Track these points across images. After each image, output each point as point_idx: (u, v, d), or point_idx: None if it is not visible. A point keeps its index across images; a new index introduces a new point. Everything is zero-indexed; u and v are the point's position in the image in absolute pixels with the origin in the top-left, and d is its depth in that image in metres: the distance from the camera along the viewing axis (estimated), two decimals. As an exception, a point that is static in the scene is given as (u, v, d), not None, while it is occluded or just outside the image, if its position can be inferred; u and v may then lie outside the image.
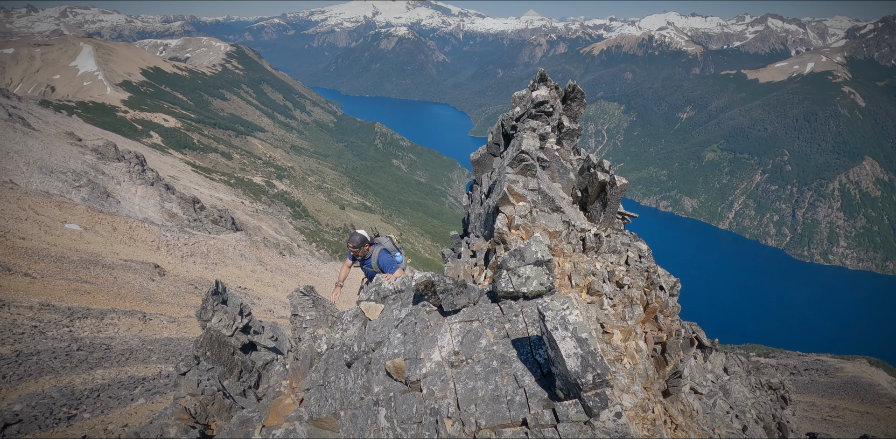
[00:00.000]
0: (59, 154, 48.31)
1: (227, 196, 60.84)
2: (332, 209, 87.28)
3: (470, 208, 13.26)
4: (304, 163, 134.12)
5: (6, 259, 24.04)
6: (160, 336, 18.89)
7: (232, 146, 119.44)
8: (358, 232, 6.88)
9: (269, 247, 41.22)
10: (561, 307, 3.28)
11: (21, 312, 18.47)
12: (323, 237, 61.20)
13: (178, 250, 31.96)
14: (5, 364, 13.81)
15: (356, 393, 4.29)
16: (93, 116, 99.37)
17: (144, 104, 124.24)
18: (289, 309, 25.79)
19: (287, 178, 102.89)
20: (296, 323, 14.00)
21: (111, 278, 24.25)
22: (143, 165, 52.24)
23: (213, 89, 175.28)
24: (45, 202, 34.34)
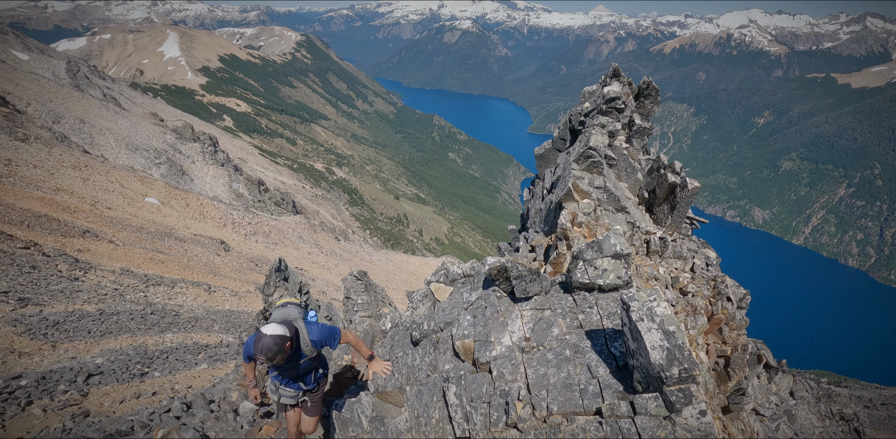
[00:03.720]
0: (144, 133, 52.14)
1: (289, 180, 63.47)
2: (387, 198, 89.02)
3: (530, 203, 13.08)
4: (363, 152, 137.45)
5: (94, 226, 26.35)
6: (222, 307, 20.11)
7: (297, 132, 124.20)
8: (267, 333, 3.48)
9: (326, 232, 42.65)
10: (648, 298, 3.19)
11: (105, 275, 20.22)
12: (377, 225, 62.60)
13: (243, 228, 33.75)
14: (90, 321, 15.18)
15: (423, 369, 4.38)
16: (174, 99, 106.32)
17: (220, 89, 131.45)
18: (341, 292, 26.72)
19: (346, 166, 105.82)
20: (348, 305, 14.45)
21: (182, 250, 26.01)
22: (215, 147, 55.41)
23: (282, 77, 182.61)
24: (129, 176, 37.24)
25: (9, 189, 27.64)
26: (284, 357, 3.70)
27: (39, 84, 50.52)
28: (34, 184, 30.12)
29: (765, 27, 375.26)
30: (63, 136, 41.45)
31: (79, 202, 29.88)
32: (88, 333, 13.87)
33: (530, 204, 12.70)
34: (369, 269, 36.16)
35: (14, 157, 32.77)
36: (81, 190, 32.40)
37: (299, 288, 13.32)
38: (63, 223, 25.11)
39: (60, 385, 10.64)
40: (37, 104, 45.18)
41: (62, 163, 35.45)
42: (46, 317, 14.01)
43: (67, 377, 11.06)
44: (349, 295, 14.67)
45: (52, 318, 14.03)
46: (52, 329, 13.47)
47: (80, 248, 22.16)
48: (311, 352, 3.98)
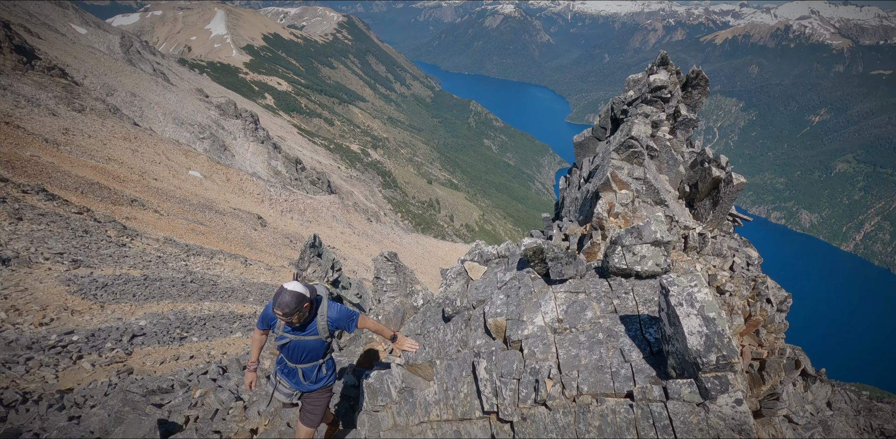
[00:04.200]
0: (190, 108, 53.78)
1: (325, 160, 64.54)
2: (420, 182, 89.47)
3: (566, 192, 12.92)
4: (398, 135, 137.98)
5: (142, 196, 27.59)
6: (257, 280, 20.85)
7: (335, 113, 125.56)
8: (287, 288, 3.52)
9: (359, 212, 43.40)
10: (688, 283, 3.15)
11: (149, 243, 21.23)
12: (408, 208, 63.13)
13: (279, 205, 34.70)
14: (135, 285, 16.03)
15: (453, 345, 4.46)
16: (219, 76, 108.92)
17: (263, 67, 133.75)
18: (371, 272, 27.17)
19: (381, 149, 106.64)
20: (377, 285, 14.74)
21: (221, 223, 26.97)
22: (256, 124, 56.68)
23: (322, 57, 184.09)
24: (175, 149, 38.63)
25: (65, 156, 29.16)
26: (301, 318, 3.66)
27: (95, 57, 52.57)
28: (88, 153, 31.67)
29: (828, 19, 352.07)
30: (115, 109, 43.23)
31: (128, 172, 31.29)
32: (133, 296, 14.68)
33: (565, 192, 12.55)
34: (399, 252, 36.64)
35: (71, 127, 34.46)
36: (131, 160, 33.87)
37: (332, 264, 13.66)
38: (113, 191, 26.39)
39: (107, 343, 11.35)
40: (92, 77, 47.13)
41: (114, 134, 37.08)
42: (96, 279, 14.87)
43: (114, 336, 11.78)
44: (379, 275, 14.96)
45: (101, 280, 14.89)
46: (100, 290, 14.30)
47: (127, 216, 23.29)
48: (324, 332, 3.83)
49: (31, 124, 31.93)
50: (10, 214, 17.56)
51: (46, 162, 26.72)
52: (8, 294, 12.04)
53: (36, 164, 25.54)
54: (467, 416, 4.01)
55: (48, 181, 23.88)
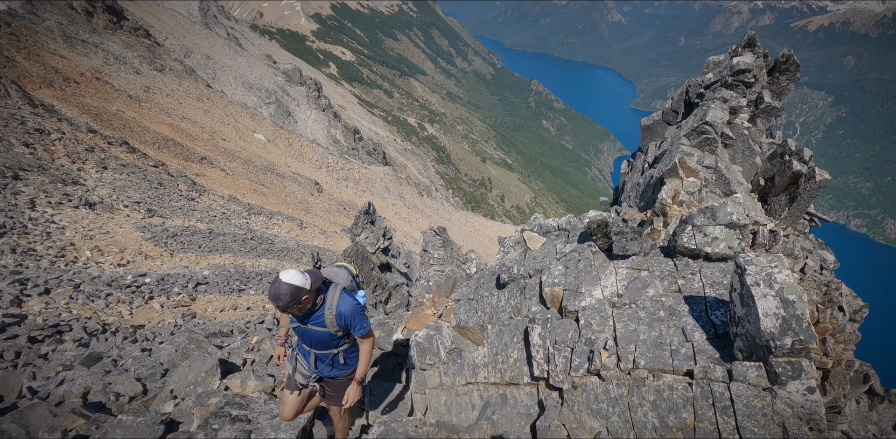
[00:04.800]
0: (258, 73, 55.53)
1: (382, 131, 65.34)
2: (473, 160, 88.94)
3: (627, 176, 12.49)
4: (455, 110, 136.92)
5: (210, 154, 29.11)
6: (311, 243, 21.72)
7: (395, 85, 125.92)
8: (282, 279, 2.98)
9: (411, 186, 43.94)
10: (768, 264, 3.00)
11: (215, 200, 22.50)
12: (460, 185, 63.14)
13: (335, 173, 35.68)
14: (201, 237, 17.13)
15: (506, 311, 4.50)
16: (287, 43, 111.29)
17: (329, 36, 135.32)
18: (418, 245, 27.63)
19: (438, 123, 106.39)
20: (424, 258, 14.98)
21: (281, 186, 28.11)
22: (319, 92, 57.87)
23: (387, 28, 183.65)
24: (242, 112, 40.23)
25: (146, 113, 31.07)
26: (302, 310, 3.10)
27: (176, 20, 54.94)
28: (165, 111, 33.59)
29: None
30: (191, 70, 45.32)
31: (199, 131, 33.01)
32: (199, 248, 15.71)
33: (627, 177, 12.14)
34: (447, 228, 36.93)
35: (152, 85, 36.54)
36: (202, 120, 35.65)
37: (384, 232, 14.00)
38: (185, 148, 28.01)
39: (175, 287, 12.28)
40: (172, 39, 49.40)
41: (189, 95, 39.03)
42: (167, 229, 16.00)
43: (181, 282, 12.71)
44: (427, 248, 15.21)
45: (172, 230, 16.01)
46: (171, 239, 15.39)
47: (197, 173, 24.71)
48: (332, 326, 3.20)
49: (117, 81, 34.10)
50: (97, 163, 19.05)
51: (129, 117, 28.60)
52: (93, 235, 13.20)
53: (120, 119, 27.41)
54: (515, 381, 4.07)
55: (130, 135, 25.62)
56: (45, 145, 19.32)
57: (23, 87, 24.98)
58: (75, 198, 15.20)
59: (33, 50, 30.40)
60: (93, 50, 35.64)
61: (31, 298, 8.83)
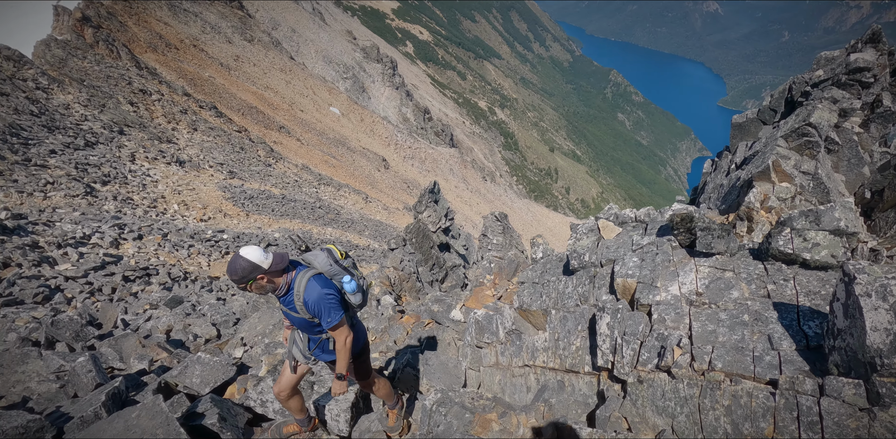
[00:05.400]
0: (338, 48, 56.91)
1: (452, 113, 65.32)
2: (541, 148, 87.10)
3: (709, 176, 11.75)
4: (528, 97, 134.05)
5: (288, 124, 30.43)
6: (374, 217, 22.33)
7: (468, 67, 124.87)
8: (240, 253, 2.66)
9: (475, 170, 43.89)
10: (883, 274, 2.73)
11: (289, 168, 23.59)
12: (525, 173, 62.22)
13: (403, 151, 36.27)
14: (274, 201, 18.08)
15: (573, 298, 4.42)
16: (367, 20, 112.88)
17: (408, 15, 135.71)
18: (476, 229, 27.69)
19: (508, 109, 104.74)
20: (483, 243, 14.96)
21: (350, 160, 28.97)
22: (394, 70, 58.50)
23: (466, 10, 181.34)
24: (320, 85, 41.54)
25: (234, 80, 32.84)
26: (263, 290, 2.82)
27: (267, -7, 57.09)
28: (251, 80, 35.34)
29: None
30: (277, 42, 47.19)
31: (280, 101, 34.51)
32: (272, 211, 16.60)
33: (709, 177, 11.43)
34: (508, 215, 36.72)
35: (241, 55, 38.47)
36: (284, 91, 37.21)
37: (446, 212, 14.11)
38: (266, 116, 29.42)
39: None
40: (263, 11, 51.48)
41: (273, 66, 40.76)
42: (245, 191, 17.01)
43: (253, 241, 13.53)
44: (486, 233, 15.17)
45: (249, 193, 17.00)
46: (247, 201, 16.35)
47: (275, 140, 25.96)
48: (304, 312, 2.94)
49: (211, 49, 36.17)
50: (189, 124, 20.47)
51: (219, 83, 30.35)
52: (181, 190, 14.29)
53: (211, 84, 29.16)
54: (575, 369, 4.01)
55: (219, 100, 27.23)
56: (146, 105, 21.01)
57: (132, 50, 27.11)
58: (168, 155, 16.46)
59: (142, 17, 32.79)
60: (192, 19, 37.89)
61: (127, 242, 9.73)
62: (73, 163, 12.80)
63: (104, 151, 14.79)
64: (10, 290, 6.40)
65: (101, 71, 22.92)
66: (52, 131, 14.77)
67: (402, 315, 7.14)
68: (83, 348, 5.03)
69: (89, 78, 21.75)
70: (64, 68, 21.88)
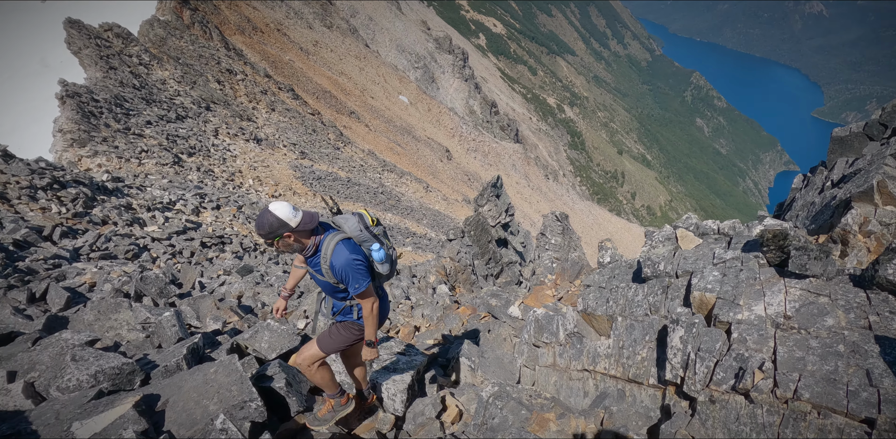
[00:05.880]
0: (412, 38, 57.50)
1: (519, 108, 64.47)
2: (609, 150, 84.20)
3: (799, 193, 10.91)
4: (599, 96, 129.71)
5: (358, 109, 31.23)
6: (433, 207, 22.57)
7: (540, 62, 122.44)
8: (269, 208, 2.52)
9: (538, 167, 43.21)
10: None
11: (356, 152, 24.26)
12: (589, 174, 60.50)
13: (467, 143, 36.31)
14: (340, 184, 18.68)
15: (642, 307, 4.26)
16: (443, 10, 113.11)
17: (483, 7, 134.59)
18: (535, 228, 27.33)
19: (578, 107, 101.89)
20: (541, 241, 14.72)
21: (415, 148, 29.37)
22: (464, 62, 58.40)
23: (543, 3, 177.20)
24: (392, 73, 42.23)
25: (311, 65, 34.06)
26: (290, 249, 2.73)
27: (350, -20, 58.49)
28: (327, 65, 36.50)
29: None
30: (354, 29, 48.35)
31: (352, 87, 35.45)
32: (337, 193, 17.18)
33: (798, 194, 10.61)
34: (569, 216, 36.01)
35: (320, 40, 39.79)
36: (357, 77, 38.18)
37: (507, 208, 14.01)
38: (339, 101, 30.34)
39: (313, 223, 13.62)
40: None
41: (349, 52, 41.86)
42: (314, 171, 17.69)
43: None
44: (545, 232, 14.92)
45: (318, 173, 17.67)
46: (315, 181, 17.00)
47: (345, 125, 26.76)
48: (329, 276, 2.85)
49: (293, 33, 37.65)
50: (267, 104, 21.48)
51: (298, 67, 31.59)
52: (256, 166, 15.08)
53: (290, 68, 30.40)
54: (638, 379, 3.88)
55: (296, 83, 28.37)
56: (231, 84, 22.24)
57: (223, 32, 28.73)
58: (248, 132, 17.37)
59: (234, 1, 34.60)
60: (278, 4, 39.53)
61: (206, 211, 10.41)
62: (164, 134, 13.82)
63: (192, 125, 15.85)
64: (107, 246, 7.03)
65: (195, 50, 24.51)
66: (150, 104, 16.00)
67: (457, 305, 7.19)
68: (165, 304, 5.44)
69: (184, 56, 23.31)
70: (163, 46, 23.57)
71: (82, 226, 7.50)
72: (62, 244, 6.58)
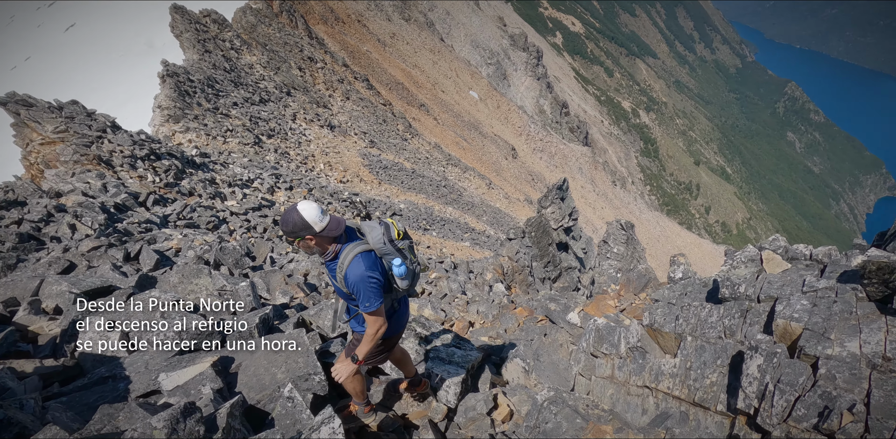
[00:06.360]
0: (487, 33, 57.21)
1: (591, 110, 62.57)
2: (685, 160, 79.83)
3: (903, 219, 9.92)
4: (679, 102, 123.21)
5: (428, 102, 31.58)
6: (494, 204, 22.49)
7: (618, 64, 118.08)
8: (297, 207, 2.46)
9: (606, 172, 41.84)
10: None
11: (423, 145, 24.58)
12: (660, 184, 57.81)
13: (534, 143, 35.78)
14: (405, 174, 19.02)
15: (716, 329, 4.02)
16: (520, 7, 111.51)
17: (562, 5, 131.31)
18: (597, 234, 26.49)
19: (654, 113, 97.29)
20: (602, 249, 14.26)
21: (481, 144, 29.34)
22: (538, 60, 57.41)
23: (627, 2, 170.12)
24: (464, 68, 42.29)
25: (386, 56, 34.78)
26: (309, 251, 2.65)
27: (433, -26, 58.94)
28: (402, 57, 37.13)
29: None
30: (431, 23, 48.78)
31: (425, 80, 35.87)
32: (401, 183, 17.52)
33: (902, 220, 9.64)
34: (635, 225, 34.72)
35: (397, 32, 40.51)
36: (429, 70, 38.58)
37: (570, 211, 13.70)
38: (410, 93, 30.82)
39: (376, 212, 14.00)
40: (425, -9, 53.37)
41: (424, 45, 42.33)
42: (381, 161, 18.13)
43: (381, 207, 14.42)
44: (607, 240, 14.45)
45: (384, 163, 18.09)
46: (382, 171, 17.41)
47: (414, 117, 27.16)
48: (342, 285, 2.71)
49: (372, 25, 38.56)
50: (343, 93, 22.20)
51: (374, 58, 32.37)
52: (328, 152, 15.67)
53: (367, 58, 31.20)
54: (705, 404, 3.68)
55: (371, 74, 29.10)
56: (311, 71, 23.17)
57: (307, 21, 29.93)
58: (322, 118, 18.06)
59: (322, -10, 35.87)
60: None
61: (280, 191, 10.95)
62: (248, 115, 14.65)
63: (273, 109, 16.70)
64: (192, 215, 7.57)
65: (281, 38, 25.74)
66: (237, 86, 17.00)
67: (514, 305, 7.14)
68: (240, 274, 5.78)
69: (271, 43, 24.55)
70: (253, 33, 24.93)
71: (172, 196, 8.12)
72: (154, 210, 7.15)
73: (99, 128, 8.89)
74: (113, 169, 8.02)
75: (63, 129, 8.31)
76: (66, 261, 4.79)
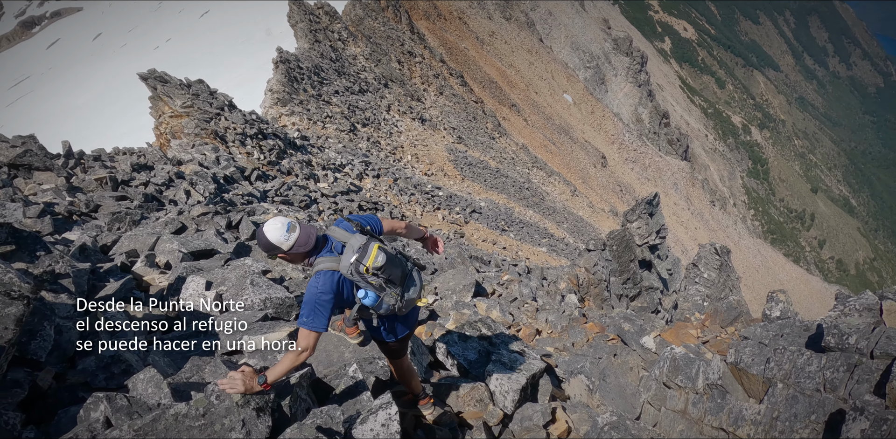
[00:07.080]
0: (589, 36, 55.32)
1: (695, 123, 58.38)
2: (800, 186, 71.83)
3: None
4: (801, 121, 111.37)
5: (520, 103, 31.26)
6: (576, 212, 21.82)
7: (732, 75, 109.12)
8: (263, 227, 2.29)
9: (704, 191, 38.88)
10: None
11: (510, 145, 24.40)
12: (768, 209, 52.61)
13: (626, 152, 34.15)
14: (489, 173, 18.98)
15: (814, 379, 3.58)
16: (629, 9, 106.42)
17: (676, 8, 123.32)
18: (686, 256, 24.86)
19: (769, 131, 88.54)
20: (691, 273, 13.27)
21: (569, 150, 28.54)
22: (642, 66, 54.62)
23: (749, 9, 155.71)
24: (561, 71, 41.30)
25: (483, 54, 34.85)
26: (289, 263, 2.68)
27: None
28: (498, 56, 37.01)
29: None
30: (531, 23, 48.06)
31: (519, 80, 35.51)
32: (484, 181, 17.53)
33: None
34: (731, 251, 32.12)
35: (496, 31, 40.41)
36: (525, 71, 38.11)
37: (659, 229, 12.91)
38: (502, 92, 30.68)
39: (456, 207, 14.12)
40: (529, -9, 52.65)
41: (522, 45, 41.85)
42: (467, 157, 18.24)
43: (461, 204, 14.51)
44: (697, 263, 13.40)
45: (469, 159, 18.18)
46: (466, 167, 17.52)
47: (504, 116, 27.02)
48: None
49: (472, 22, 38.77)
50: (437, 88, 22.58)
51: (471, 55, 32.56)
52: (416, 144, 16.05)
53: (464, 55, 31.47)
54: (794, 457, 3.31)
55: (467, 71, 29.32)
56: (409, 65, 23.80)
57: (411, 16, 30.74)
58: (415, 111, 18.50)
59: (427, -13, 36.63)
60: (467, -8, 40.86)
61: (367, 178, 11.40)
62: (347, 104, 15.37)
63: (370, 99, 17.39)
64: (287, 193, 8.09)
65: (385, 31, 26.68)
66: (340, 76, 17.88)
67: (585, 319, 6.87)
68: (323, 254, 6.05)
69: (375, 36, 25.55)
70: (360, 25, 26.08)
71: (272, 173, 8.74)
72: (256, 185, 7.73)
73: (218, 106, 9.77)
74: (226, 143, 8.77)
75: (189, 105, 9.22)
76: (179, 223, 5.30)
